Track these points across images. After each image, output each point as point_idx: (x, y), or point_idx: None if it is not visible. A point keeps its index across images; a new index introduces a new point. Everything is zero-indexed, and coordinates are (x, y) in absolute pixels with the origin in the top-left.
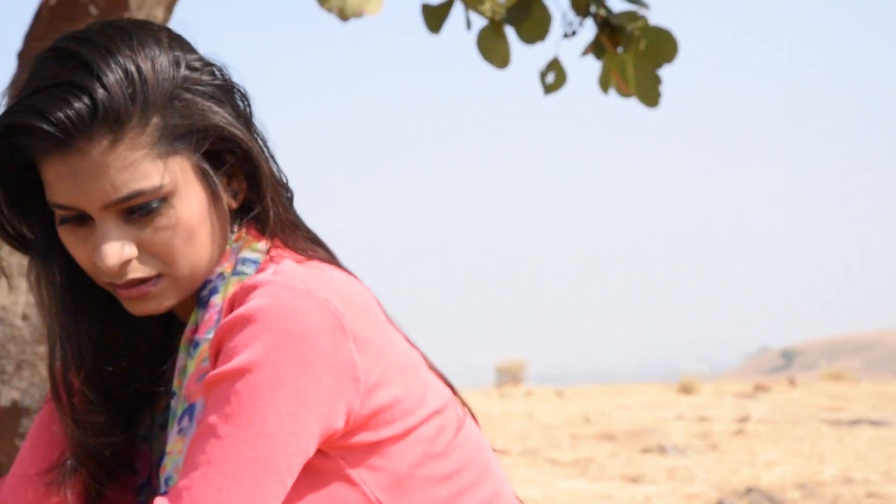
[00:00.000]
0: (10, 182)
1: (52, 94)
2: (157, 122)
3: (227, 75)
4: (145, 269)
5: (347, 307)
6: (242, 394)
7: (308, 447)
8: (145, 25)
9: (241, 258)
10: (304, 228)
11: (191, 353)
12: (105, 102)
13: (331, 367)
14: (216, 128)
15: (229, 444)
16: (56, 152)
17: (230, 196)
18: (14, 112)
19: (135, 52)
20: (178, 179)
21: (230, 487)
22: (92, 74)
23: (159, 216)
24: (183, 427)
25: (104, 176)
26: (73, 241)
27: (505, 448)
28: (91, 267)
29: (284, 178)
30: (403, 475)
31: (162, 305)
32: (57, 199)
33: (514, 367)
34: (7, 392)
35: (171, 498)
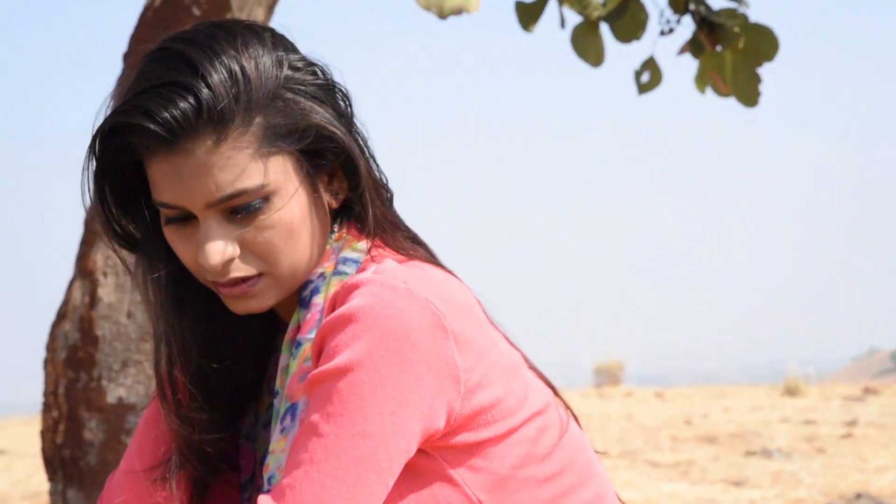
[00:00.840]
0: (118, 181)
1: (159, 93)
2: (260, 121)
3: (329, 75)
4: (247, 268)
5: (448, 307)
6: (344, 393)
7: (409, 447)
8: (250, 26)
9: (341, 258)
10: (404, 228)
11: (293, 353)
12: (209, 102)
13: (432, 367)
14: (317, 127)
15: (331, 443)
16: (161, 151)
17: (331, 196)
18: (121, 112)
19: (239, 52)
20: (280, 179)
21: (332, 486)
22: (197, 74)
23: (261, 215)
24: (285, 426)
25: (208, 175)
26: (177, 240)
27: (604, 450)
28: (195, 265)
29: (384, 178)
30: (505, 476)
31: (263, 304)
32: (162, 198)
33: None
34: (113, 389)
35: (275, 496)
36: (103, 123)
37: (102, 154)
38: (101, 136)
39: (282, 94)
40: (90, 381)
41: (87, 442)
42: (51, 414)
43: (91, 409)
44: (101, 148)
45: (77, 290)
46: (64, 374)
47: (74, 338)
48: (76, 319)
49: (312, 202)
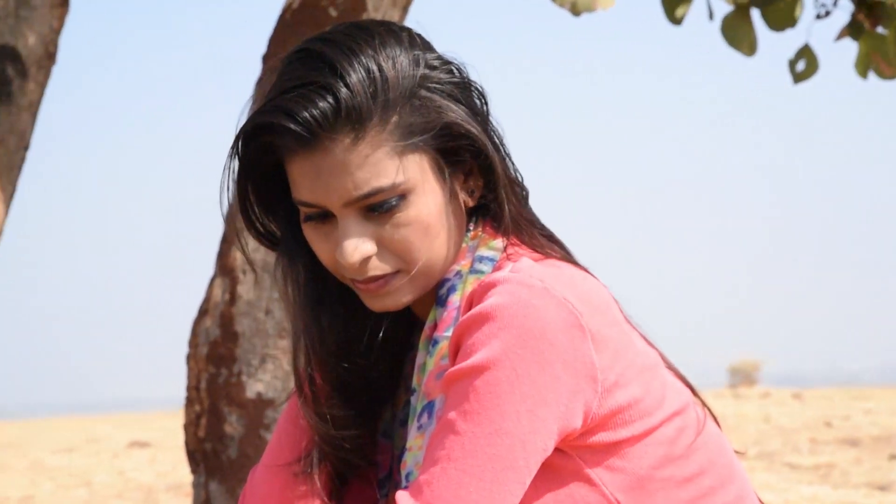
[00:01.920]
0: (260, 181)
1: (299, 93)
2: (397, 119)
3: (465, 73)
4: (384, 265)
5: (585, 305)
6: (481, 391)
7: (546, 445)
8: (388, 26)
9: (478, 256)
10: (540, 226)
11: (430, 351)
12: (348, 101)
13: (569, 366)
14: (453, 125)
15: (468, 441)
16: (301, 151)
17: (466, 194)
18: (263, 112)
19: (377, 51)
20: (417, 177)
21: (469, 483)
22: (336, 74)
23: (398, 213)
24: (423, 423)
25: (346, 173)
26: (316, 238)
27: (740, 451)
28: (333, 263)
29: (520, 176)
30: (643, 476)
31: (399, 302)
32: (301, 197)
33: (749, 367)
34: (252, 384)
35: (412, 492)
36: (245, 124)
37: (244, 154)
38: (243, 137)
39: (418, 93)
40: (230, 377)
41: (228, 436)
42: (193, 408)
43: (231, 403)
44: (244, 148)
45: (218, 287)
46: (205, 370)
47: (215, 334)
48: (217, 316)
49: (448, 200)
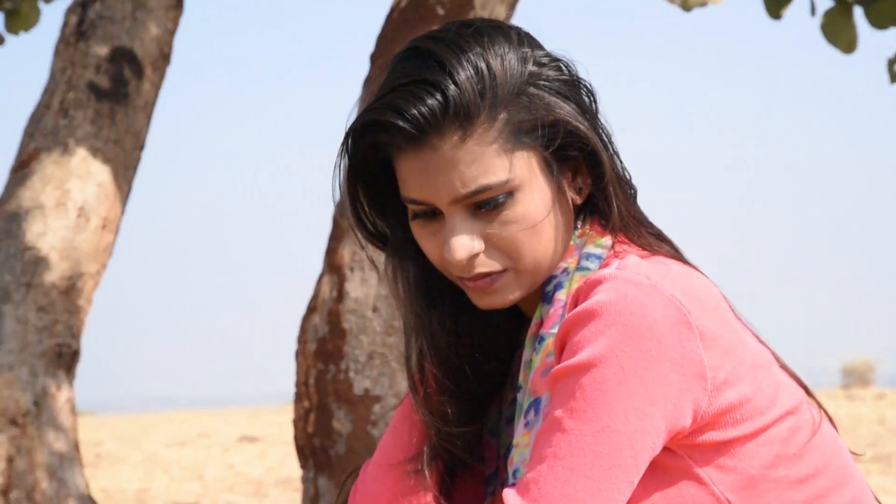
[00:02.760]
0: (369, 179)
1: (407, 91)
2: (505, 117)
3: (574, 71)
4: (491, 263)
5: (693, 303)
6: (587, 389)
7: (654, 444)
8: (496, 24)
9: (584, 253)
10: (649, 224)
11: (536, 348)
12: (456, 99)
13: (677, 364)
14: (561, 123)
15: (575, 439)
16: (410, 148)
17: (574, 192)
18: (372, 110)
19: (485, 49)
20: (524, 174)
21: (576, 481)
22: (444, 72)
23: (505, 211)
24: (529, 420)
25: (454, 171)
26: (424, 236)
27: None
28: (440, 261)
29: (628, 174)
30: (755, 476)
31: (507, 299)
32: (410, 195)
33: (862, 367)
34: (360, 381)
35: (519, 490)
36: (355, 122)
37: (354, 151)
38: (352, 134)
39: (526, 90)
40: (338, 373)
41: (336, 432)
42: (302, 404)
43: (339, 399)
44: (353, 145)
45: (326, 284)
46: (314, 366)
47: (323, 330)
48: (325, 313)
49: (556, 197)
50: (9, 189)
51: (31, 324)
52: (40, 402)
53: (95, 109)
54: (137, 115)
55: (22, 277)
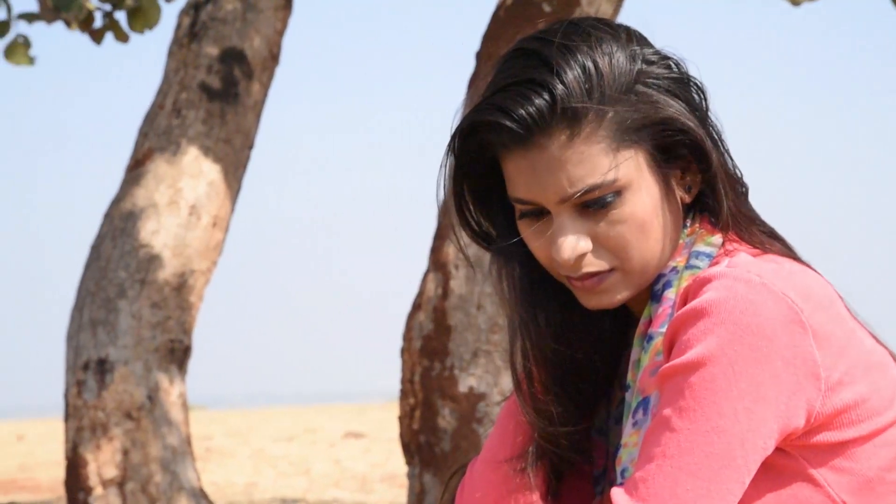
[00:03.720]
0: (475, 179)
1: (515, 91)
2: (613, 116)
3: (684, 68)
4: (599, 262)
5: (806, 301)
6: (697, 388)
7: (766, 444)
8: (604, 23)
9: (694, 252)
10: (760, 222)
11: (644, 347)
12: (563, 98)
13: (789, 363)
14: (670, 121)
15: (684, 438)
16: (517, 148)
17: (683, 190)
18: (479, 110)
19: (593, 48)
20: (632, 173)
21: (686, 481)
22: (552, 72)
23: (613, 210)
24: (637, 420)
25: (561, 170)
26: (531, 235)
27: None
28: (548, 260)
29: (739, 172)
30: (872, 479)
31: (615, 299)
32: (517, 194)
33: None
34: (465, 378)
35: (628, 489)
36: (462, 122)
37: (460, 151)
38: (459, 134)
39: (635, 89)
40: (443, 370)
41: (441, 429)
42: (407, 401)
43: (444, 397)
44: (460, 145)
45: (431, 282)
46: (419, 363)
47: (428, 328)
48: (430, 310)
49: (664, 196)
50: (124, 188)
51: (145, 320)
52: (154, 396)
53: (207, 109)
54: (247, 115)
55: (136, 274)
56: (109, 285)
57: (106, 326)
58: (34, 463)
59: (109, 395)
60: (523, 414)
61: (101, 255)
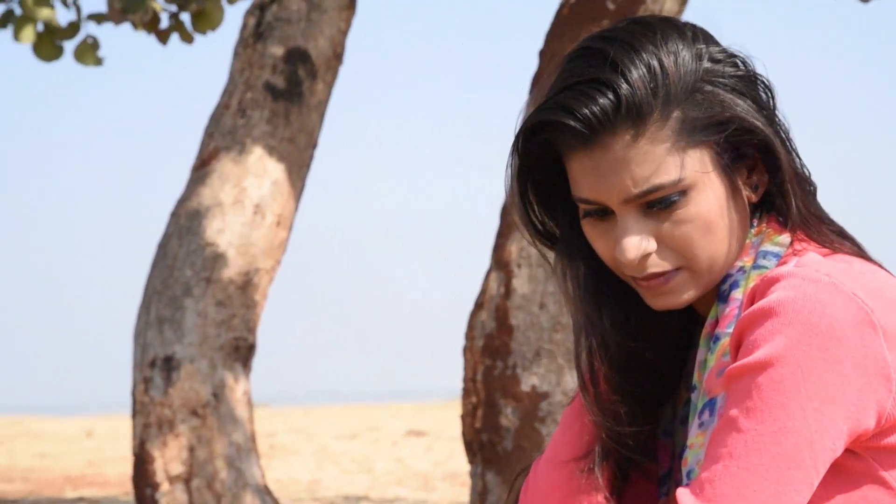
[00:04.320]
0: (539, 178)
1: (579, 90)
2: (678, 115)
3: (751, 66)
4: (664, 262)
5: (877, 301)
6: (764, 388)
7: (835, 446)
8: (670, 20)
9: (762, 251)
10: (829, 221)
11: (711, 348)
12: (628, 98)
13: (859, 364)
14: (737, 119)
15: (751, 439)
16: (581, 147)
17: (750, 189)
18: (543, 109)
19: (658, 47)
20: (698, 173)
21: (753, 482)
22: (616, 71)
23: (678, 210)
24: (704, 421)
25: (625, 170)
26: (595, 235)
27: None
28: (612, 260)
29: (807, 171)
30: None
31: (680, 299)
32: (580, 194)
33: None
34: (527, 377)
35: (694, 490)
36: (526, 121)
37: (525, 151)
38: (523, 134)
39: (701, 87)
40: (505, 369)
41: (504, 427)
42: (470, 399)
43: (507, 395)
44: (524, 145)
45: (493, 280)
46: (481, 362)
47: (491, 327)
48: (492, 309)
49: (731, 196)
50: (190, 187)
51: (211, 318)
52: (219, 393)
53: (271, 109)
54: (311, 114)
55: (202, 273)
56: (176, 283)
57: (172, 324)
58: (102, 459)
59: (176, 392)
60: (588, 413)
61: (168, 254)
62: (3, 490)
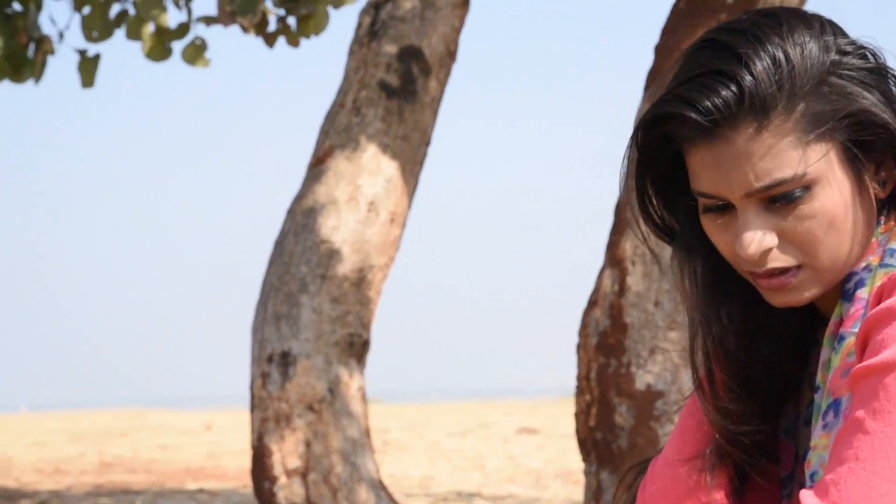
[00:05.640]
0: (659, 172)
1: (700, 83)
2: (803, 108)
3: (881, 59)
4: (785, 258)
5: None
6: (892, 389)
7: None
8: (796, 12)
9: (889, 249)
10: None
11: (835, 347)
12: (752, 90)
13: None
14: (865, 113)
15: (878, 441)
16: (702, 140)
17: (878, 185)
18: (664, 102)
19: (784, 38)
20: (822, 167)
21: (880, 485)
22: (740, 62)
23: (801, 205)
24: (828, 422)
25: (747, 164)
26: (714, 230)
27: None
28: (732, 255)
29: None
30: None
31: (802, 297)
32: (700, 188)
33: None
34: (642, 376)
35: (818, 492)
36: (645, 114)
37: (644, 144)
38: (643, 126)
39: (827, 80)
40: (620, 367)
41: (618, 426)
42: (583, 397)
43: (621, 394)
44: (643, 138)
45: (607, 278)
46: (595, 360)
47: (605, 324)
48: (606, 307)
49: (856, 191)
50: (306, 185)
51: (326, 314)
52: (334, 389)
53: (385, 107)
54: (424, 112)
55: (317, 269)
56: (292, 280)
57: (289, 320)
58: (221, 452)
59: (292, 387)
60: (704, 413)
61: (284, 251)
62: (127, 480)
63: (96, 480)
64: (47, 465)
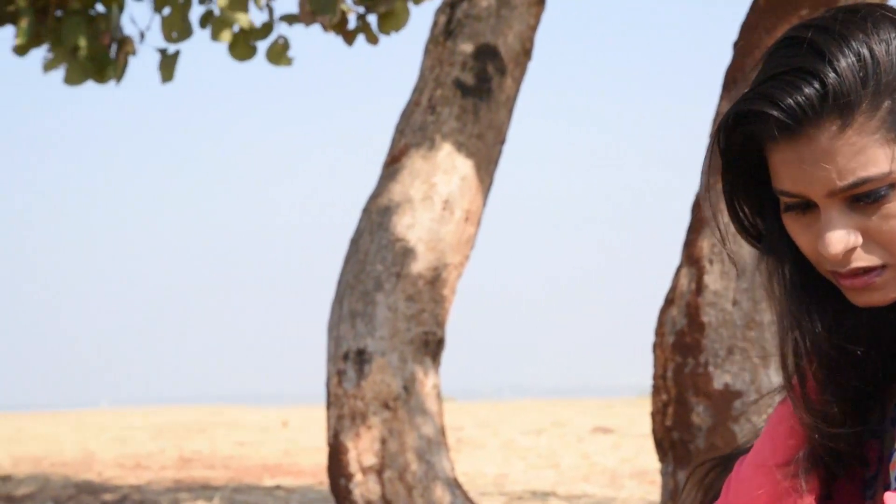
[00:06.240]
0: (743, 171)
1: (783, 80)
2: (889, 105)
3: None
4: (869, 258)
5: None
6: None
7: None
8: (881, 8)
9: None
10: None
11: None
12: (835, 87)
13: None
14: None
15: None
16: (784, 139)
17: None
18: (746, 100)
19: (869, 35)
20: None
21: None
22: (823, 60)
23: (887, 204)
24: None
25: (830, 162)
26: (796, 229)
27: None
28: (814, 255)
29: None
30: None
31: (887, 297)
32: (783, 187)
33: None
34: (719, 375)
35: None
36: (727, 112)
37: (727, 143)
38: (724, 125)
39: None
40: (697, 367)
41: (696, 426)
42: (660, 397)
43: (698, 393)
44: (725, 137)
45: (684, 276)
46: (672, 359)
47: (681, 323)
48: (683, 305)
49: None
50: (381, 183)
51: (401, 312)
52: (409, 387)
53: (460, 105)
54: (499, 111)
55: (392, 267)
56: (367, 278)
57: (364, 318)
58: (298, 448)
59: (368, 385)
60: (797, 416)
61: (360, 249)
62: (206, 476)
63: (176, 475)
64: (128, 460)
